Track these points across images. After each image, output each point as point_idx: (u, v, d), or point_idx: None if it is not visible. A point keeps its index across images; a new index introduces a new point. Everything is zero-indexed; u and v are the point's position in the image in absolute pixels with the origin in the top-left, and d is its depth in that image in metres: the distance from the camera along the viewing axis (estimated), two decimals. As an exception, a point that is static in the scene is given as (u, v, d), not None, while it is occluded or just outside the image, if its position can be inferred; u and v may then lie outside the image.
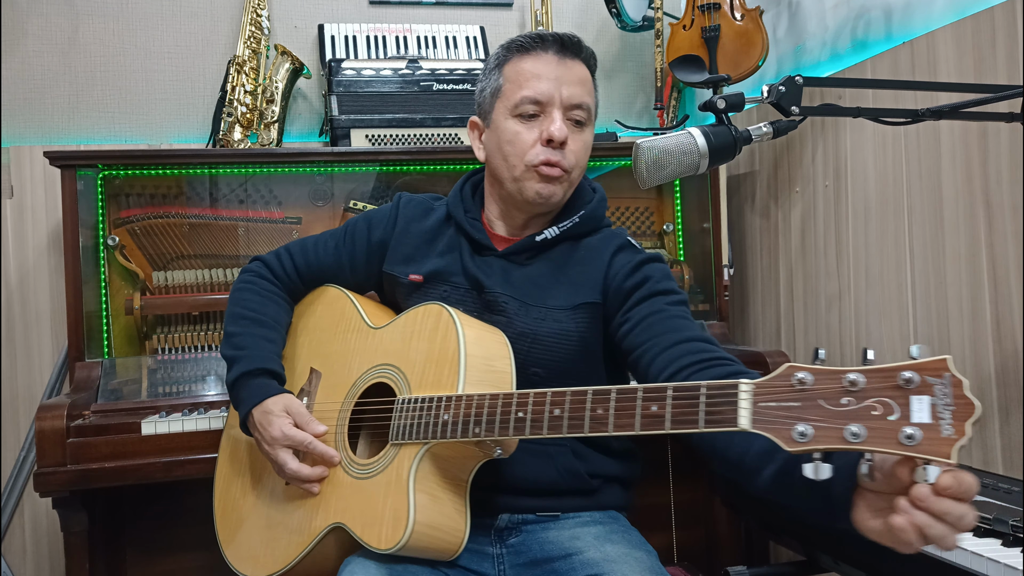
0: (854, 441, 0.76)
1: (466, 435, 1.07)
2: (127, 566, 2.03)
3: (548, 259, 1.34)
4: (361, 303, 1.40)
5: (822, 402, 0.79)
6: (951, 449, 0.72)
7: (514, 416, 1.03)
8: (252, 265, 1.48)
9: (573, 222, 1.34)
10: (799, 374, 0.80)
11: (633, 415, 0.93)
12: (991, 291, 1.56)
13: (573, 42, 1.31)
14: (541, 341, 1.28)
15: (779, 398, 0.81)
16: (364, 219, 1.45)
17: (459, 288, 1.34)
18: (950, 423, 0.72)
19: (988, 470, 1.49)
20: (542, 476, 1.27)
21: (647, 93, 2.66)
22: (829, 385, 0.79)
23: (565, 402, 0.99)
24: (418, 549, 1.12)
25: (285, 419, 1.26)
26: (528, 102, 1.28)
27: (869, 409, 0.76)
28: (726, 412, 0.85)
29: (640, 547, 1.24)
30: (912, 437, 0.73)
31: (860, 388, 0.77)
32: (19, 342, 2.17)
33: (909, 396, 0.75)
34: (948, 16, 1.69)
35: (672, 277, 1.31)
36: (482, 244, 1.35)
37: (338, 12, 2.47)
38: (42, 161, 2.03)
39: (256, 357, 1.33)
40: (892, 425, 0.75)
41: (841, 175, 1.99)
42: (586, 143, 1.32)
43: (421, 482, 1.12)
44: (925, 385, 0.74)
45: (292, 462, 1.24)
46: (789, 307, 2.22)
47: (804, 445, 0.78)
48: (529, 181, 1.29)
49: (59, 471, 1.60)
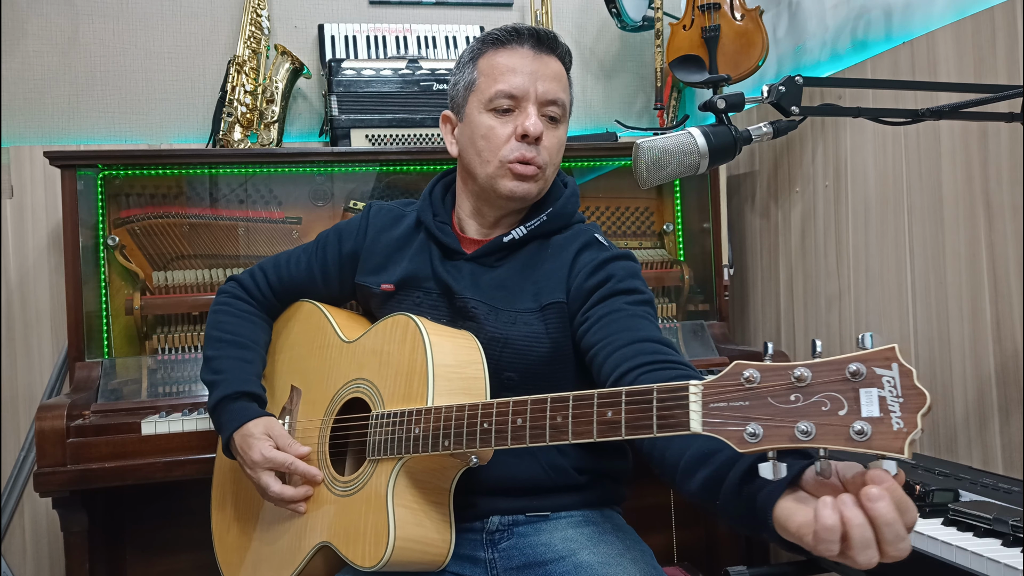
0: (804, 439, 0.72)
1: (437, 448, 1.06)
2: (127, 566, 2.03)
3: (516, 260, 1.32)
4: (335, 316, 1.39)
5: (771, 400, 0.75)
6: (903, 444, 0.68)
7: (480, 428, 1.01)
8: (227, 286, 1.48)
9: (541, 220, 1.32)
10: (747, 372, 0.77)
11: (591, 422, 0.90)
12: (991, 291, 1.56)
13: (549, 37, 1.29)
14: (512, 345, 1.26)
15: (728, 398, 0.78)
16: (335, 231, 1.45)
17: (431, 294, 1.33)
18: (900, 416, 0.68)
19: (988, 470, 1.49)
20: (528, 474, 1.25)
21: (647, 93, 2.66)
22: (777, 382, 0.75)
23: (526, 411, 0.96)
24: (403, 564, 1.11)
25: (266, 442, 1.25)
26: (503, 96, 1.26)
27: (819, 405, 0.73)
28: (678, 416, 0.82)
29: (635, 547, 1.23)
30: (862, 432, 0.70)
31: (808, 383, 0.73)
32: (19, 342, 2.17)
33: (858, 389, 0.71)
34: (948, 16, 1.69)
35: (638, 276, 1.28)
36: (451, 248, 1.33)
37: (338, 12, 2.48)
38: (42, 161, 2.03)
39: (234, 380, 1.33)
40: (842, 421, 0.71)
41: (841, 175, 1.99)
42: (560, 140, 1.31)
43: (400, 496, 1.11)
44: (873, 377, 0.70)
45: (275, 484, 1.23)
46: (789, 307, 2.22)
47: (755, 446, 0.75)
48: (503, 179, 1.27)
49: (59, 471, 1.60)
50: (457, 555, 1.23)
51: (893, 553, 0.71)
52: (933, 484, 1.32)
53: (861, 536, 0.71)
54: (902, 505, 0.71)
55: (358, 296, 1.43)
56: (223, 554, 1.43)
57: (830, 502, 0.72)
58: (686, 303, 2.21)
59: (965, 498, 1.28)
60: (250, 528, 1.37)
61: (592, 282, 1.25)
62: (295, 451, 1.25)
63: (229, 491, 1.45)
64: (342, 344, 1.34)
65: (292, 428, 1.36)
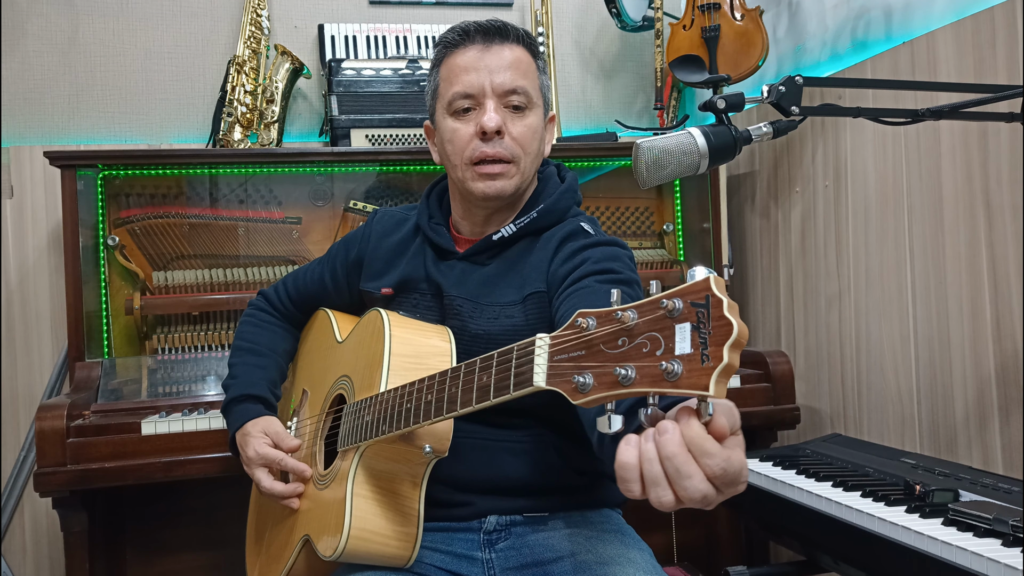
0: (626, 384, 0.68)
1: (378, 433, 1.06)
2: (127, 566, 2.03)
3: (507, 257, 1.31)
4: (338, 320, 1.43)
5: (602, 346, 0.71)
6: (709, 379, 0.62)
7: (403, 408, 1.01)
8: (254, 299, 1.56)
9: (531, 217, 1.30)
10: (582, 319, 0.73)
11: (471, 389, 0.88)
12: (991, 291, 1.56)
13: (496, 27, 1.26)
14: (495, 340, 1.23)
15: (568, 349, 0.74)
16: (343, 241, 1.48)
17: (425, 295, 1.33)
18: (708, 350, 0.63)
19: (988, 470, 1.49)
20: (525, 475, 1.25)
21: (647, 93, 2.66)
22: (607, 327, 0.71)
23: (434, 387, 0.95)
24: (361, 555, 1.11)
25: (261, 439, 1.30)
26: (459, 97, 1.25)
27: (640, 347, 0.68)
28: (526, 371, 0.78)
29: (634, 546, 1.22)
30: (672, 372, 0.64)
31: (632, 324, 0.69)
32: (19, 342, 2.17)
33: (674, 326, 0.66)
34: (948, 16, 1.69)
35: (619, 259, 1.23)
36: (444, 249, 1.33)
37: (338, 12, 2.47)
38: (42, 161, 2.03)
39: (243, 384, 1.40)
40: (656, 360, 0.66)
41: (841, 175, 1.99)
42: (531, 127, 1.26)
43: (361, 487, 1.11)
44: (688, 311, 0.65)
45: (266, 480, 1.28)
46: (789, 307, 2.22)
47: (586, 395, 0.71)
48: (472, 181, 1.26)
49: (59, 471, 1.60)
50: (454, 555, 1.23)
51: (681, 494, 0.67)
52: (933, 484, 1.32)
53: (649, 471, 0.68)
54: (698, 446, 0.67)
55: (364, 302, 1.44)
56: (248, 555, 1.47)
57: (633, 439, 0.70)
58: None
59: (965, 498, 1.28)
60: (262, 527, 1.42)
61: (567, 267, 1.22)
62: (287, 445, 1.29)
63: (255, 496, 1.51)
64: (335, 344, 1.37)
65: (298, 428, 1.39)
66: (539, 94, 1.29)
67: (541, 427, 1.26)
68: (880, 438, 1.86)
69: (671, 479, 0.67)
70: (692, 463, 0.67)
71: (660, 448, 0.68)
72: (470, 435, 1.22)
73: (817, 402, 2.11)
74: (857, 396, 1.96)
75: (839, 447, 1.70)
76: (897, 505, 1.27)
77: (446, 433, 1.10)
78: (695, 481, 0.67)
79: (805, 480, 1.47)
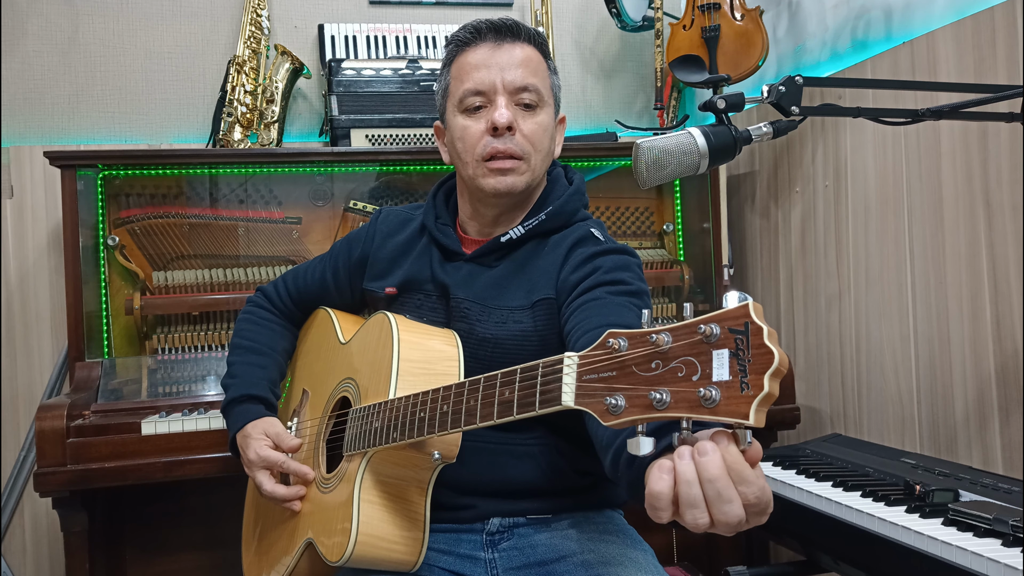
0: (660, 408, 0.67)
1: (387, 440, 1.06)
2: (127, 566, 2.03)
3: (514, 259, 1.30)
4: (340, 320, 1.42)
5: (635, 368, 0.70)
6: (750, 408, 0.62)
7: (416, 418, 1.01)
8: (254, 296, 1.54)
9: (539, 220, 1.30)
10: (614, 340, 0.72)
11: (492, 403, 0.87)
12: (991, 291, 1.57)
13: (507, 25, 1.28)
14: (503, 345, 1.25)
15: (599, 369, 0.74)
16: (346, 239, 1.47)
17: (431, 296, 1.33)
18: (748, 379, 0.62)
19: (988, 470, 1.49)
20: (529, 477, 1.25)
21: (647, 93, 2.66)
22: (640, 349, 0.70)
23: (450, 399, 0.95)
24: (368, 560, 1.11)
25: (262, 441, 1.29)
26: (471, 94, 1.25)
27: (675, 371, 0.67)
28: (553, 390, 0.78)
29: (636, 546, 1.23)
30: (710, 398, 0.64)
31: (667, 348, 0.68)
32: (19, 342, 2.17)
33: (711, 351, 0.65)
34: (948, 16, 1.69)
35: (629, 268, 1.23)
36: (451, 250, 1.33)
37: (338, 12, 2.48)
38: (42, 161, 2.03)
39: (242, 384, 1.38)
40: (693, 386, 0.66)
41: (841, 175, 1.99)
42: (541, 125, 1.27)
43: (368, 492, 1.11)
44: (726, 337, 0.65)
45: (267, 483, 1.26)
46: (789, 307, 2.22)
47: (618, 417, 0.71)
48: (484, 177, 1.26)
49: (59, 471, 1.60)
50: (457, 555, 1.24)
51: (719, 517, 0.67)
52: (933, 484, 1.32)
53: (687, 493, 0.68)
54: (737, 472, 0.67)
55: (367, 301, 1.44)
56: (245, 556, 1.46)
57: (666, 467, 0.69)
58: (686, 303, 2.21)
59: (965, 498, 1.28)
60: (260, 529, 1.40)
61: (578, 275, 1.23)
62: (288, 446, 1.28)
63: (251, 495, 1.50)
64: (339, 345, 1.36)
65: (298, 429, 1.38)
66: (550, 93, 1.30)
67: (544, 430, 1.26)
68: (880, 438, 1.86)
69: (710, 502, 0.67)
70: (733, 488, 0.67)
71: (701, 470, 0.67)
72: (473, 439, 1.21)
73: (817, 402, 2.11)
74: (857, 396, 1.96)
75: (839, 447, 1.70)
76: (897, 505, 1.27)
77: (455, 440, 1.10)
78: (735, 506, 0.67)
79: (805, 480, 1.47)
